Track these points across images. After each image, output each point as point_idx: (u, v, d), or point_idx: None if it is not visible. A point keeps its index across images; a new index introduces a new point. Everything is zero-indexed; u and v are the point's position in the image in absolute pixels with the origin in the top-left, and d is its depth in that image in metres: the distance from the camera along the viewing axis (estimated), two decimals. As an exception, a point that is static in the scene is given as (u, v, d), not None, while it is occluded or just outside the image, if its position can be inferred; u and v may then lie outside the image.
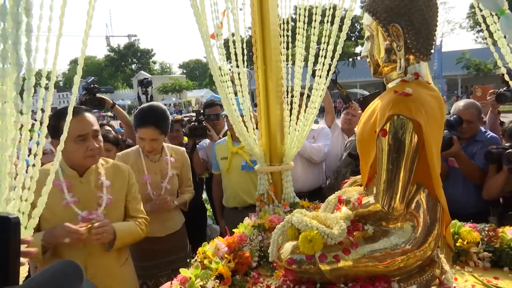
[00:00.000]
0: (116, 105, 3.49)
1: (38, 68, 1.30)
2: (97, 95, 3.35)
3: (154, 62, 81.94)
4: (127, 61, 72.75)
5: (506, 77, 2.03)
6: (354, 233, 1.34)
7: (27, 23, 1.18)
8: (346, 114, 3.98)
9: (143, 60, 75.79)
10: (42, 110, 1.37)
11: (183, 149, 2.99)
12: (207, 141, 3.81)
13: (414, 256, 1.34)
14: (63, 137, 1.40)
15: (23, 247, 1.33)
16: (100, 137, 2.09)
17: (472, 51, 32.61)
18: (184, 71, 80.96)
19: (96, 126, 2.06)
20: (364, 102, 3.34)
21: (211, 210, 4.42)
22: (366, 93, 34.44)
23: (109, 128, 3.42)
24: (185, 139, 4.12)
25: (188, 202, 2.96)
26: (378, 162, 1.36)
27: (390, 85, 1.49)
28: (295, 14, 2.65)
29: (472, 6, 43.23)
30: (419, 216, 1.35)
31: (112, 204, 2.10)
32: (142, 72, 62.39)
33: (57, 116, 1.93)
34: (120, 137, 3.54)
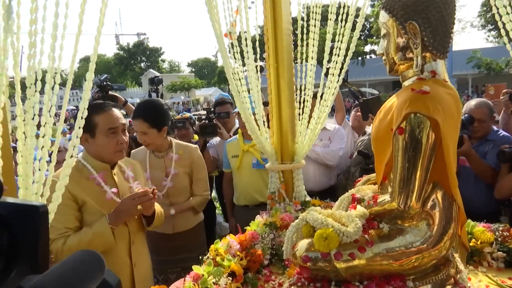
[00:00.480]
0: (128, 103, 3.52)
1: (53, 66, 1.32)
2: (109, 92, 3.37)
3: (163, 61, 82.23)
4: (136, 60, 73.10)
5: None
6: (370, 231, 1.34)
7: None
8: (356, 111, 3.97)
9: (152, 58, 76.06)
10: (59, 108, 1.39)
11: (195, 146, 2.97)
12: (217, 139, 3.81)
13: (429, 255, 1.33)
14: (79, 132, 1.41)
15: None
16: (126, 132, 2.14)
17: (484, 50, 32.19)
18: (193, 70, 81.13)
19: (124, 121, 2.12)
20: (364, 106, 3.33)
21: (220, 208, 4.43)
22: (376, 92, 34.22)
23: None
24: (195, 137, 4.14)
25: (200, 206, 2.90)
26: (394, 160, 1.36)
27: (406, 83, 1.48)
28: (303, 13, 2.65)
29: (484, 4, 42.72)
30: (434, 215, 1.34)
31: None
32: (151, 70, 62.64)
33: (90, 111, 1.97)
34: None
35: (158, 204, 2.30)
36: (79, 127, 1.39)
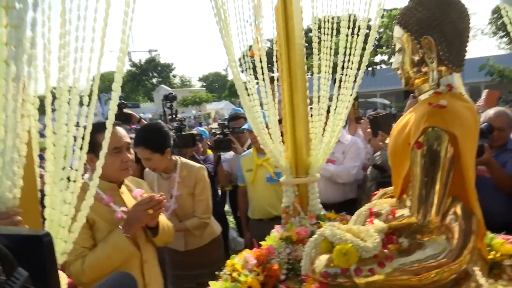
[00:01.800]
0: (142, 120, 3.57)
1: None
2: (124, 110, 3.43)
3: (174, 76, 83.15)
4: (148, 76, 74.05)
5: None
6: (389, 246, 1.33)
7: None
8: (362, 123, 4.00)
9: (164, 74, 77.02)
10: (84, 127, 1.43)
11: (200, 166, 2.91)
12: (231, 153, 3.84)
13: (449, 269, 1.32)
14: (103, 152, 1.44)
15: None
16: (131, 150, 2.17)
17: (496, 57, 31.89)
18: (204, 84, 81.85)
19: (128, 139, 2.14)
20: (374, 122, 3.33)
21: (234, 222, 4.44)
22: (387, 102, 34.03)
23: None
24: (209, 151, 4.17)
25: (196, 229, 2.81)
26: (413, 174, 1.36)
27: (422, 97, 1.48)
28: (311, 24, 2.67)
29: (494, 12, 42.51)
30: (454, 229, 1.33)
31: None
32: (162, 86, 63.35)
33: (94, 130, 2.00)
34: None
35: (166, 219, 2.31)
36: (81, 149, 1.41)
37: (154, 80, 75.26)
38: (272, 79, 2.62)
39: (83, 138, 1.45)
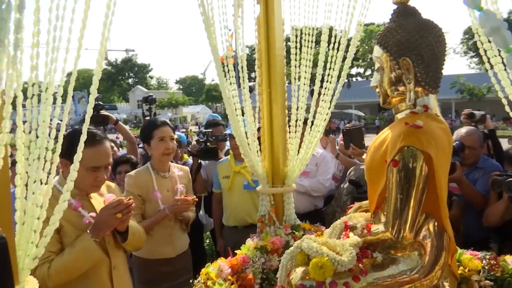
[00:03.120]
0: (119, 122, 3.52)
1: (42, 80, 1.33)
2: (101, 112, 3.37)
3: (151, 77, 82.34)
4: (124, 75, 72.99)
5: (507, 108, 2.09)
6: (363, 260, 1.36)
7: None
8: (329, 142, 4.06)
9: (140, 74, 76.10)
10: (57, 129, 1.39)
11: (187, 168, 3.04)
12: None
13: (420, 285, 1.36)
14: (77, 158, 1.40)
15: None
16: (109, 167, 2.13)
17: (467, 76, 33.18)
18: (181, 87, 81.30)
19: (110, 159, 2.10)
20: (347, 135, 3.43)
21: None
22: (361, 114, 34.72)
23: (112, 144, 3.44)
24: (185, 157, 4.14)
25: (191, 223, 2.95)
26: (388, 191, 1.40)
27: (399, 116, 1.53)
28: (291, 35, 2.72)
29: (466, 32, 44.22)
30: (426, 245, 1.38)
31: None
32: (139, 86, 62.51)
33: (74, 138, 1.95)
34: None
35: (136, 223, 2.29)
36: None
37: (130, 81, 74.19)
38: (250, 89, 2.64)
39: (55, 139, 1.42)
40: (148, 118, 4.52)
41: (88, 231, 1.93)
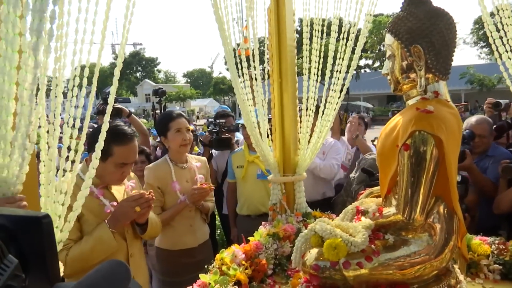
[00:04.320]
0: (132, 115, 3.58)
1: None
2: (114, 105, 3.43)
3: (159, 71, 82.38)
4: (132, 69, 73.08)
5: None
6: (375, 242, 1.41)
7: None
8: (350, 123, 4.09)
9: (148, 68, 76.18)
10: (81, 120, 1.45)
11: (204, 158, 3.09)
12: (215, 151, 3.88)
13: (431, 265, 1.40)
14: (97, 154, 1.46)
15: None
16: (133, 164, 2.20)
17: (477, 66, 32.77)
18: (188, 80, 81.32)
19: (137, 155, 2.18)
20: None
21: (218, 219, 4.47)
22: (370, 105, 34.51)
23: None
24: (196, 149, 4.20)
25: (210, 212, 3.00)
26: (400, 175, 1.44)
27: (410, 102, 1.56)
28: (299, 26, 2.75)
29: (476, 22, 43.56)
30: (436, 227, 1.42)
31: None
32: (146, 80, 62.60)
33: (111, 137, 1.97)
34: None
35: (154, 214, 2.34)
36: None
37: (138, 74, 74.32)
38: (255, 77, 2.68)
39: (79, 129, 1.47)
40: (158, 111, 4.58)
41: (106, 221, 1.98)
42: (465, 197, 2.25)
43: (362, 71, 44.92)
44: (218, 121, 3.61)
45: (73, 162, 1.44)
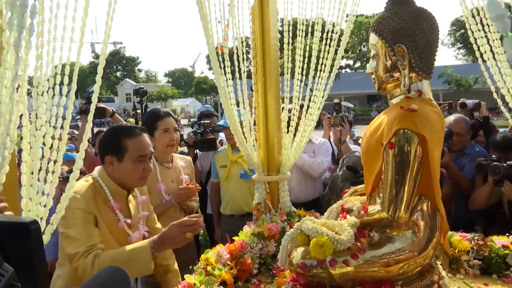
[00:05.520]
0: (116, 114, 3.52)
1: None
2: (97, 104, 3.37)
3: (140, 70, 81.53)
4: (112, 69, 72.11)
5: (495, 95, 2.16)
6: (361, 239, 1.42)
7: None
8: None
9: (129, 67, 75.31)
10: (62, 117, 1.42)
11: (189, 158, 3.06)
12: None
13: (415, 262, 1.42)
14: (84, 139, 1.43)
15: None
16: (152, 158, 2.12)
17: (454, 67, 33.60)
18: (170, 80, 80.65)
19: (152, 148, 2.08)
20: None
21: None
22: (351, 105, 34.94)
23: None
24: (179, 148, 4.16)
25: (195, 212, 2.95)
26: (385, 173, 1.46)
27: (394, 101, 1.59)
28: (281, 26, 2.77)
29: (453, 24, 44.61)
30: (420, 224, 1.44)
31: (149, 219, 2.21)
32: (127, 79, 61.85)
33: (121, 133, 1.95)
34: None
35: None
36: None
37: (118, 74, 73.33)
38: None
39: (62, 128, 1.44)
40: (139, 111, 4.52)
41: (150, 242, 1.82)
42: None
43: (343, 71, 45.43)
44: (202, 121, 3.58)
45: (55, 162, 1.41)
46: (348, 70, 48.71)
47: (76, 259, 1.74)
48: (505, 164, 2.35)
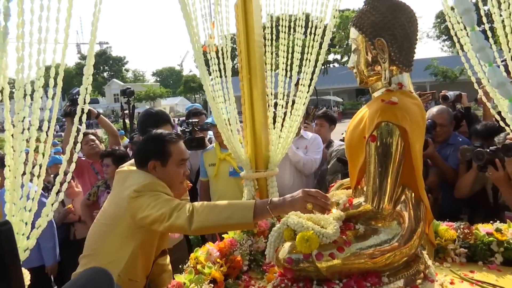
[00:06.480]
0: (101, 115, 3.50)
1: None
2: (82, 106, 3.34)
3: (127, 70, 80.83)
4: (98, 69, 71.29)
5: (476, 86, 2.20)
6: (347, 232, 1.44)
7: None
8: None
9: (115, 68, 74.61)
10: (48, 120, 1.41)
11: None
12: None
13: (400, 253, 1.45)
14: (69, 145, 1.42)
15: None
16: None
17: (440, 59, 33.94)
18: (158, 79, 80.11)
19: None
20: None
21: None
22: (339, 99, 35.05)
23: (93, 137, 3.42)
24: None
25: None
26: (368, 165, 1.47)
27: (375, 94, 1.60)
28: (268, 21, 2.77)
29: (438, 16, 45.03)
30: (404, 215, 1.46)
31: None
32: (114, 80, 61.30)
33: (164, 139, 1.98)
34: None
35: None
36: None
37: (105, 74, 72.61)
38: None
39: (47, 133, 1.43)
40: (126, 111, 4.49)
41: (268, 202, 1.68)
42: (426, 179, 2.33)
43: (331, 66, 45.59)
44: (191, 120, 3.57)
45: (40, 166, 1.40)
46: (336, 64, 48.91)
47: (165, 218, 1.71)
48: (488, 150, 2.40)
